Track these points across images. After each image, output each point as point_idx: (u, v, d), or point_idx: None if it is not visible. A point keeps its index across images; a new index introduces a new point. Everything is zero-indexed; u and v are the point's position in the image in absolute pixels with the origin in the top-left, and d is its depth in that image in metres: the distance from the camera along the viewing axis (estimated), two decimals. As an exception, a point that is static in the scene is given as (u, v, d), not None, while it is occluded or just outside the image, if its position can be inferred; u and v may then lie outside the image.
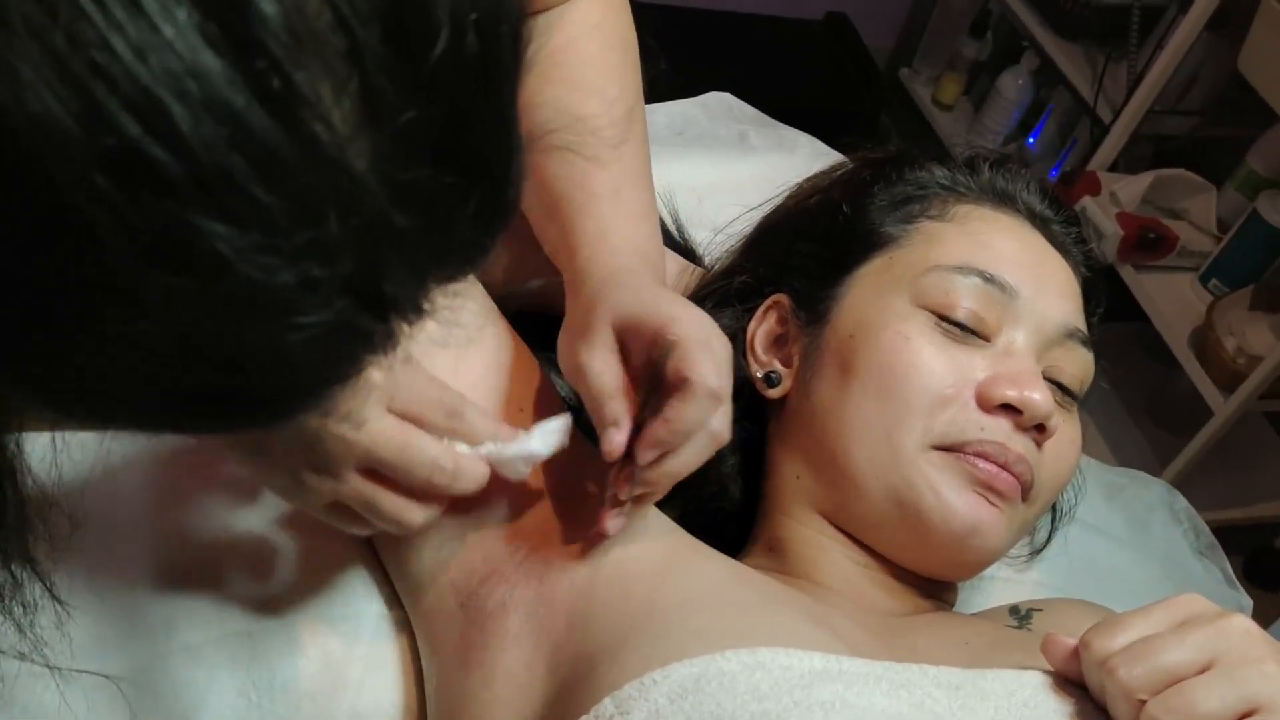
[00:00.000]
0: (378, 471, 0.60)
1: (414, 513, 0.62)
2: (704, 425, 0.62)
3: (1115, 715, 0.55)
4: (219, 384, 0.32)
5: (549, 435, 0.64)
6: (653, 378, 0.62)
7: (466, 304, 0.38)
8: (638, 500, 0.64)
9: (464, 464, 0.61)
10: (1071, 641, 0.58)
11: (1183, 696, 0.52)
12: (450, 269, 0.36)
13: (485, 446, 0.62)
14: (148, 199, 0.27)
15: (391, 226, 0.31)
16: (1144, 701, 0.53)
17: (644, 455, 0.61)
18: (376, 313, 0.33)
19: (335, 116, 0.29)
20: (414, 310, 0.35)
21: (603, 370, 0.63)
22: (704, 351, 0.61)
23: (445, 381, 0.63)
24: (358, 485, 0.60)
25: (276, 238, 0.29)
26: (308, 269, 0.30)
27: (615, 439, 0.61)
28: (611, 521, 0.64)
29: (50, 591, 0.51)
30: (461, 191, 0.33)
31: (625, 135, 0.72)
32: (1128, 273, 1.92)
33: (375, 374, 0.36)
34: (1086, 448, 0.76)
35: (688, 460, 0.63)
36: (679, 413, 0.60)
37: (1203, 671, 0.53)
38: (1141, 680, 0.53)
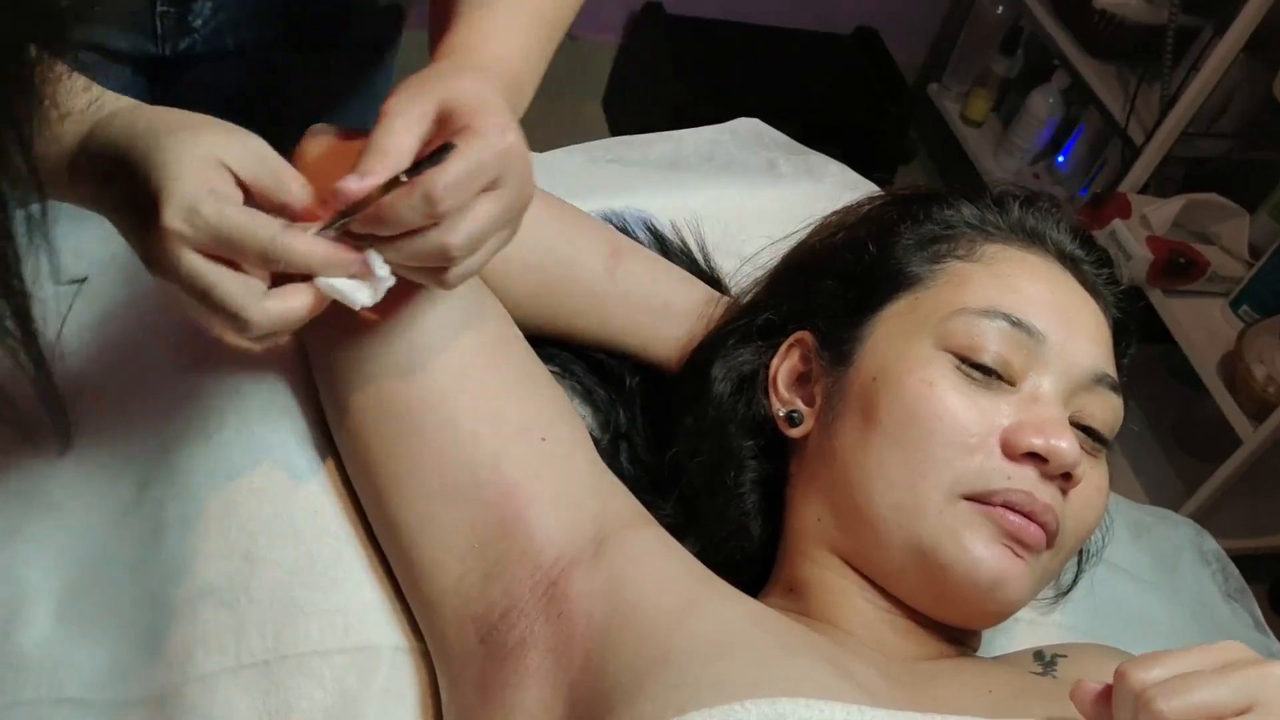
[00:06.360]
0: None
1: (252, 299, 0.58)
2: (407, 221, 0.60)
3: None
4: None
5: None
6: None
7: None
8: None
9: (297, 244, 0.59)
10: (1101, 685, 0.57)
11: None
12: None
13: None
14: None
15: None
16: None
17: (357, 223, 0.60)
18: None
19: None
20: None
21: (401, 130, 0.61)
22: (461, 162, 0.59)
23: None
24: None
25: None
26: None
27: (350, 184, 0.59)
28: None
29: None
30: None
31: None
32: (1156, 297, 1.90)
33: None
34: (1111, 474, 0.74)
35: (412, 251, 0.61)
36: (390, 203, 0.59)
37: (1240, 714, 0.52)
38: (1178, 713, 0.51)
